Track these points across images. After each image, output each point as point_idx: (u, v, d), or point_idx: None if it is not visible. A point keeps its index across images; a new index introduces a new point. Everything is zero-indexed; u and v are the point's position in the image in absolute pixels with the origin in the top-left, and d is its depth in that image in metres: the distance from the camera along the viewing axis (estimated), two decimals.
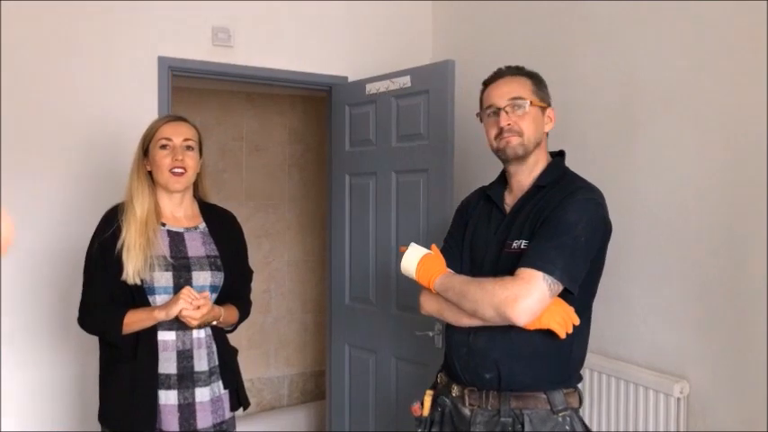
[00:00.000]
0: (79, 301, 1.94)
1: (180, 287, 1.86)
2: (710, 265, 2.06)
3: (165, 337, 1.89)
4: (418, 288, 1.76)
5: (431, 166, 2.71)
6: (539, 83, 1.73)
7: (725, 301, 2.02)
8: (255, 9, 3.01)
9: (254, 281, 2.22)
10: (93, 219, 1.98)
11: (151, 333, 1.87)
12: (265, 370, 4.65)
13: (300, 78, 3.16)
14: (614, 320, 2.35)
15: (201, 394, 1.93)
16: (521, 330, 1.54)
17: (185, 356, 1.91)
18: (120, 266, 1.84)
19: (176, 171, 1.93)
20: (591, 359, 1.98)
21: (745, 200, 1.96)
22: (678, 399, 2.10)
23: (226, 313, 1.96)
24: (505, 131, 1.66)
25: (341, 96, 3.17)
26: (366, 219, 3.03)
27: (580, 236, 1.55)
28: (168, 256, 1.91)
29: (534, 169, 1.71)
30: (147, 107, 2.77)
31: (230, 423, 2.03)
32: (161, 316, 1.83)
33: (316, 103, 4.59)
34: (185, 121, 2.02)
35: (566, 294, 1.55)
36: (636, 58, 2.32)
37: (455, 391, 1.71)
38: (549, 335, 1.55)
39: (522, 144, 1.67)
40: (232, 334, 2.10)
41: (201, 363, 1.93)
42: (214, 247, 2.01)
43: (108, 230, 1.90)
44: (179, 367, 1.90)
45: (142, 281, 1.86)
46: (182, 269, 1.91)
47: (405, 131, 2.83)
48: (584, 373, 1.94)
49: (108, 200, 2.03)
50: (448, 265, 1.72)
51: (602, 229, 1.63)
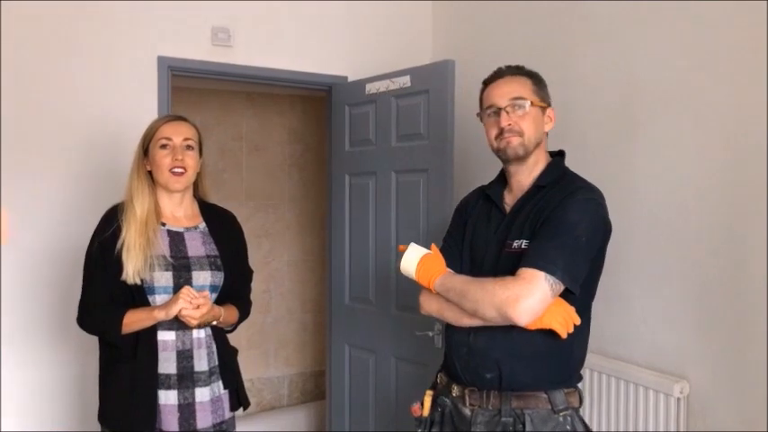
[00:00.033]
0: (79, 300, 1.94)
1: (180, 287, 1.85)
2: (710, 265, 2.06)
3: (165, 337, 1.89)
4: (418, 288, 1.76)
5: (431, 165, 2.71)
6: (539, 83, 1.74)
7: (725, 301, 2.02)
8: (255, 9, 3.01)
9: (253, 281, 2.21)
10: (93, 219, 1.98)
11: (151, 333, 1.87)
12: (265, 370, 4.65)
13: (300, 78, 3.16)
14: (614, 320, 2.35)
15: (201, 394, 1.92)
16: (522, 330, 1.54)
17: (185, 356, 1.91)
18: (120, 266, 1.84)
19: (176, 171, 1.93)
20: (591, 359, 1.98)
21: (745, 200, 1.96)
22: (678, 399, 2.10)
23: (226, 313, 1.96)
24: (506, 132, 1.66)
25: (341, 96, 3.16)
26: (366, 219, 3.03)
27: (581, 236, 1.55)
28: (168, 255, 1.91)
29: (534, 169, 1.71)
30: (147, 107, 2.77)
31: (230, 423, 2.03)
32: (161, 316, 1.83)
33: (315, 103, 4.59)
34: (185, 120, 2.02)
35: (566, 294, 1.55)
36: (636, 58, 2.32)
37: (455, 391, 1.71)
38: (550, 335, 1.55)
39: (523, 144, 1.67)
40: (232, 334, 2.10)
41: (201, 363, 1.93)
42: (214, 246, 2.01)
43: (108, 230, 1.90)
44: (179, 367, 1.90)
45: (142, 281, 1.85)
46: (182, 269, 1.91)
47: (404, 131, 2.83)
48: (584, 373, 1.94)
49: (108, 200, 2.03)
50: (448, 264, 1.72)
51: (603, 229, 1.64)
